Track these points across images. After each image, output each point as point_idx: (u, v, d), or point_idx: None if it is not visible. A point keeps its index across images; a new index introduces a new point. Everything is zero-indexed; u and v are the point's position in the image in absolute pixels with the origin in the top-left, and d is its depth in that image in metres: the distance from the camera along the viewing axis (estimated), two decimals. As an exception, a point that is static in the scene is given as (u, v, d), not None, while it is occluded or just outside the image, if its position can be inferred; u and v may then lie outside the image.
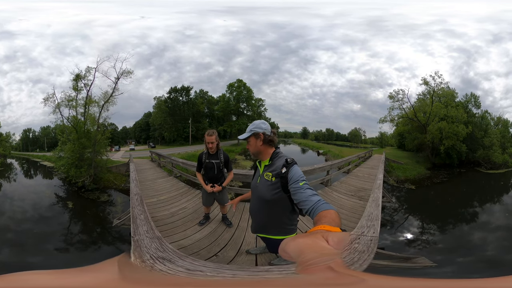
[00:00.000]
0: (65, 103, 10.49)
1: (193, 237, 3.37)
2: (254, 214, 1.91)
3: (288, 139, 21.01)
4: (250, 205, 1.93)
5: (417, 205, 9.03)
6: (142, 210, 3.08)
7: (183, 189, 5.95)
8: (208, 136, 3.19)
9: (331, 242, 0.51)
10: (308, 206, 1.27)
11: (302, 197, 1.36)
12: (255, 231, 1.96)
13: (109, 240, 5.74)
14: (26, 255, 4.80)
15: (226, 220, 3.68)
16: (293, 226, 1.83)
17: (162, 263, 1.48)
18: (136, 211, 3.02)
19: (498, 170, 13.06)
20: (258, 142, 1.71)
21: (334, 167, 7.30)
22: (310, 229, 0.74)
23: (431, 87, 13.43)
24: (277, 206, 1.69)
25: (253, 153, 1.75)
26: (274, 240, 1.86)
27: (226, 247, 3.07)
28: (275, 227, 1.81)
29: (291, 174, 1.52)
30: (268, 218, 1.79)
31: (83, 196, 8.97)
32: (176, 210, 4.50)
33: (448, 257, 4.98)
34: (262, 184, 1.71)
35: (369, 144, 17.82)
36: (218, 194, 3.42)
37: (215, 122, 18.16)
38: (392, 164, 12.50)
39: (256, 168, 1.88)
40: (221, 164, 3.32)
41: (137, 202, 3.34)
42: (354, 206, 4.86)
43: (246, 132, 1.74)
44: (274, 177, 1.63)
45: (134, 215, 2.89)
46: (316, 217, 1.10)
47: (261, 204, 1.76)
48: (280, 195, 1.61)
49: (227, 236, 3.35)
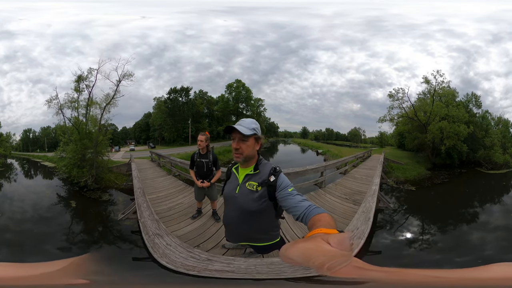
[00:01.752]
0: (67, 104, 10.57)
1: (184, 229, 3.76)
2: (233, 225, 1.78)
3: (287, 138, 20.99)
4: (226, 215, 1.78)
5: (417, 206, 9.02)
6: (144, 200, 3.89)
7: (181, 187, 6.13)
8: (200, 136, 3.73)
9: (333, 244, 0.53)
10: (299, 211, 1.26)
11: (292, 203, 1.34)
12: (236, 241, 1.91)
13: (111, 239, 5.77)
14: (26, 255, 4.81)
15: (216, 215, 4.10)
16: (278, 231, 1.82)
17: (157, 238, 2.33)
18: (140, 201, 3.74)
19: (499, 170, 13.03)
20: (256, 146, 1.57)
21: (328, 168, 7.21)
22: (307, 234, 0.75)
23: (432, 86, 13.43)
24: (262, 215, 1.62)
25: (245, 157, 1.54)
26: (259, 246, 1.83)
27: (208, 240, 3.38)
28: (261, 236, 1.75)
29: (280, 182, 1.48)
30: (253, 227, 1.70)
31: (85, 195, 9.03)
32: (173, 205, 4.82)
33: (447, 257, 5.00)
34: (244, 195, 1.59)
35: (369, 143, 17.81)
36: (208, 189, 3.88)
37: (215, 123, 18.17)
38: (391, 164, 12.48)
39: (231, 175, 1.72)
40: (209, 163, 3.77)
41: (140, 194, 4.12)
42: (347, 211, 4.81)
43: (247, 129, 1.48)
44: (260, 186, 1.53)
45: (138, 203, 3.68)
46: (310, 222, 1.11)
47: (243, 215, 1.64)
48: (266, 204, 1.55)
49: (213, 230, 3.69)
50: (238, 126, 1.49)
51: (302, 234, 3.40)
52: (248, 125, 1.51)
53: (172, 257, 2.06)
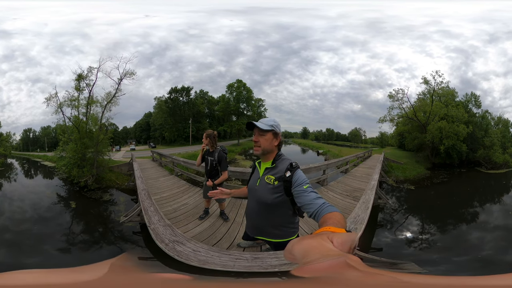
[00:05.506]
0: (67, 103, 10.52)
1: (194, 230, 3.67)
2: (252, 217, 1.85)
3: (288, 139, 20.99)
4: (247, 207, 1.87)
5: (417, 206, 9.05)
6: (151, 203, 3.53)
7: (184, 187, 6.08)
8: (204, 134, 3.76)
9: (335, 243, 0.53)
10: (313, 209, 1.28)
11: (307, 200, 1.37)
12: (254, 234, 1.91)
13: (112, 239, 5.77)
14: (25, 255, 4.79)
15: (224, 215, 4.04)
16: (295, 228, 1.82)
17: (178, 245, 2.02)
18: (146, 204, 3.43)
19: (498, 170, 13.05)
20: (274, 142, 1.67)
21: (330, 166, 7.32)
22: (316, 231, 0.75)
23: (431, 86, 13.45)
24: (278, 210, 1.67)
25: (263, 149, 1.64)
26: (275, 243, 1.83)
27: (221, 240, 3.32)
28: (276, 230, 1.78)
29: (295, 178, 1.52)
30: (269, 221, 1.75)
31: (86, 195, 9.00)
32: (178, 206, 4.72)
33: (445, 256, 5.02)
34: (263, 187, 1.67)
35: (369, 144, 17.82)
36: (212, 189, 3.70)
37: (215, 122, 18.16)
38: (391, 164, 12.51)
39: (255, 169, 1.82)
40: (214, 161, 3.70)
41: (145, 196, 3.81)
42: (347, 207, 4.88)
43: (266, 125, 1.62)
44: (277, 180, 1.60)
45: (144, 207, 3.31)
46: (321, 220, 1.12)
47: (261, 207, 1.72)
48: (282, 198, 1.60)
49: (224, 229, 3.63)
50: (257, 123, 1.64)
51: (310, 231, 3.39)
52: (267, 122, 1.66)
53: (217, 262, 1.99)
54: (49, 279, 0.47)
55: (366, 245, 4.67)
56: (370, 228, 4.98)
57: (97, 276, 0.47)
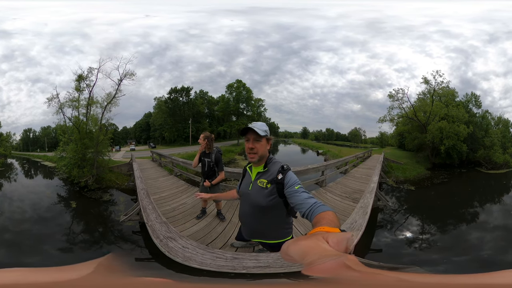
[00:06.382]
0: (68, 104, 10.55)
1: (190, 229, 3.75)
2: (247, 221, 1.88)
3: (288, 139, 21.00)
4: (240, 211, 1.89)
5: (417, 206, 9.04)
6: (149, 201, 3.68)
7: (183, 187, 6.12)
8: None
9: (331, 243, 0.53)
10: (304, 208, 1.30)
11: (298, 200, 1.39)
12: (250, 237, 1.94)
13: (112, 239, 5.77)
14: (25, 255, 4.80)
15: (220, 215, 4.14)
16: (289, 229, 1.85)
17: (171, 241, 2.23)
18: (145, 203, 3.58)
19: (499, 170, 13.04)
20: (267, 147, 1.69)
21: (329, 167, 7.29)
22: (310, 231, 0.75)
23: (431, 86, 13.44)
24: (272, 211, 1.70)
25: (260, 156, 1.64)
26: (271, 244, 1.86)
27: (216, 239, 3.40)
28: (272, 232, 1.81)
29: (287, 179, 1.55)
30: (264, 224, 1.78)
31: (86, 195, 9.01)
32: (177, 205, 4.78)
33: (445, 256, 5.02)
34: (256, 191, 1.69)
35: (369, 144, 17.82)
36: (210, 190, 3.82)
37: (215, 123, 18.17)
38: (391, 164, 12.51)
39: (245, 174, 1.83)
40: (211, 163, 3.76)
41: (144, 195, 3.95)
42: (346, 208, 4.89)
43: (261, 130, 1.61)
44: (269, 183, 1.63)
45: (143, 206, 3.47)
46: (315, 219, 1.13)
47: (255, 210, 1.73)
48: (276, 200, 1.63)
49: (219, 229, 3.72)
50: (255, 128, 1.60)
51: (305, 231, 3.41)
52: (260, 127, 1.63)
53: (198, 259, 2.05)
54: (28, 278, 0.46)
55: (365, 246, 4.67)
56: (369, 229, 4.97)
57: (79, 276, 0.47)
